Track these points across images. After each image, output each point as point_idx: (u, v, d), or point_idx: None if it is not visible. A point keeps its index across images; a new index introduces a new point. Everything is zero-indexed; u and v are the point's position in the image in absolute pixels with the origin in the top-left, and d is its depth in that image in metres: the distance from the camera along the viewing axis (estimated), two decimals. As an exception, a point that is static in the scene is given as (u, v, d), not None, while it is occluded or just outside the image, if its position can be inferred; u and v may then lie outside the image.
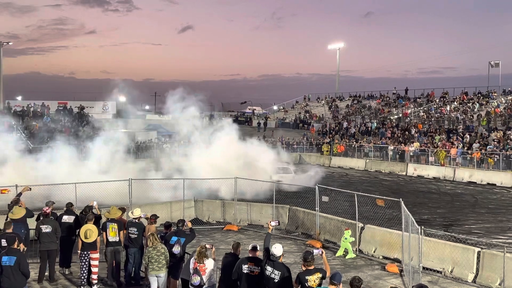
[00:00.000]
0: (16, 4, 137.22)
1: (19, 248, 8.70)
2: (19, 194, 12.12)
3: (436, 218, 18.56)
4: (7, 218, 10.94)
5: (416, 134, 36.41)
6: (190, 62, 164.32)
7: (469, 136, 32.73)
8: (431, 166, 30.53)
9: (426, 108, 45.15)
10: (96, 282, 10.54)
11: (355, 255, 13.40)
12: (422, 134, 36.48)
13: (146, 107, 56.11)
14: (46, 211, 11.04)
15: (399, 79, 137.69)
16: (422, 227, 10.85)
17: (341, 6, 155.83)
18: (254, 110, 61.70)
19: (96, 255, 10.46)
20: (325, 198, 15.17)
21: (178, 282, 9.45)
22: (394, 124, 41.94)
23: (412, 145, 33.44)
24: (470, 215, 19.11)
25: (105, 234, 10.69)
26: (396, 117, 45.26)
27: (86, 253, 10.38)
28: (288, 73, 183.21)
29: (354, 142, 37.72)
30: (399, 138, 36.20)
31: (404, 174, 31.05)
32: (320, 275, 7.01)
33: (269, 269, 7.39)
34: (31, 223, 11.43)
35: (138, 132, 40.22)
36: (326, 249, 13.56)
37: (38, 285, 10.75)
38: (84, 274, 10.50)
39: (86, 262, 10.43)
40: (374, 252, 13.44)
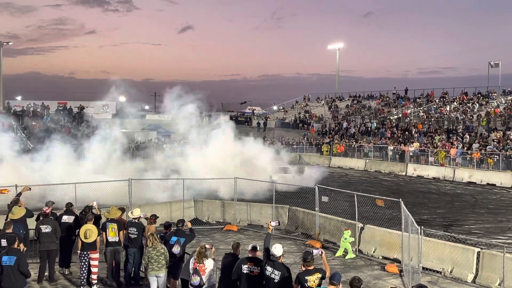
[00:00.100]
0: (16, 4, 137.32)
1: (19, 248, 8.70)
2: (19, 194, 12.12)
3: (435, 218, 18.56)
4: (7, 218, 10.94)
5: (416, 134, 36.42)
6: (190, 62, 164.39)
7: (469, 136, 32.75)
8: (431, 166, 30.54)
9: (426, 108, 45.16)
10: (95, 282, 10.54)
11: (355, 255, 13.40)
12: (422, 134, 36.49)
13: (146, 107, 56.10)
14: (45, 211, 11.05)
15: (399, 79, 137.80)
16: (422, 227, 10.85)
17: (341, 6, 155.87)
18: (254, 110, 61.67)
19: (96, 255, 10.46)
20: (324, 198, 15.17)
21: (178, 282, 9.46)
22: (394, 124, 41.95)
23: (412, 145, 33.45)
24: (470, 215, 19.11)
25: (104, 234, 10.69)
26: (396, 117, 45.26)
27: (85, 253, 10.37)
28: (288, 73, 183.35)
29: (354, 142, 37.72)
30: (399, 138, 36.21)
31: (403, 174, 31.05)
32: (319, 275, 7.02)
33: (269, 269, 7.39)
34: (31, 223, 11.43)
35: (138, 132, 40.23)
36: (326, 249, 13.56)
37: (38, 285, 10.75)
38: (84, 274, 10.50)
39: (86, 262, 10.43)
40: (374, 252, 13.44)
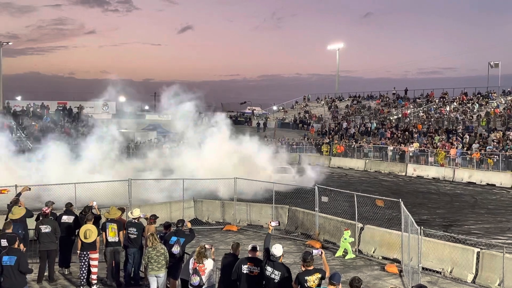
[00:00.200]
0: (15, 4, 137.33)
1: (20, 248, 8.69)
2: (19, 194, 12.11)
3: (435, 218, 18.56)
4: (7, 218, 10.93)
5: (415, 135, 36.42)
6: (189, 62, 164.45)
7: (468, 136, 32.75)
8: (431, 166, 30.54)
9: (425, 108, 45.17)
10: (95, 282, 10.54)
11: (355, 256, 13.40)
12: (421, 134, 36.49)
13: (146, 107, 56.09)
14: (45, 211, 11.04)
15: (399, 80, 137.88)
16: (422, 228, 10.85)
17: (340, 6, 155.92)
18: (254, 111, 61.65)
19: (95, 255, 10.45)
20: (324, 199, 15.17)
21: (178, 282, 9.46)
22: (393, 124, 41.95)
23: (411, 145, 33.45)
24: (470, 216, 19.11)
25: (104, 234, 10.68)
26: (395, 117, 45.26)
27: (85, 253, 10.37)
28: (287, 73, 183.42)
29: (354, 143, 37.71)
30: (399, 139, 36.21)
31: (403, 174, 31.05)
32: (319, 276, 7.02)
33: (269, 269, 7.39)
34: (31, 223, 11.42)
35: (138, 132, 40.24)
36: (326, 249, 13.56)
37: (37, 285, 10.75)
38: (83, 274, 10.50)
39: (86, 262, 10.42)
40: (374, 252, 13.44)
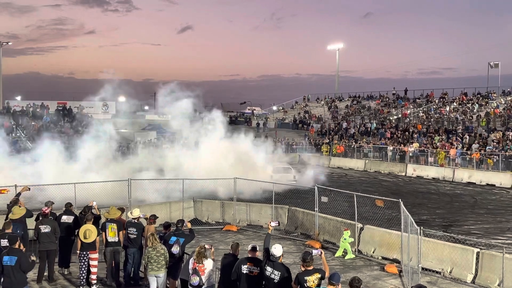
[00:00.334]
0: (15, 4, 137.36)
1: (21, 248, 8.68)
2: (18, 194, 12.10)
3: (435, 218, 18.56)
4: (7, 218, 10.92)
5: (415, 135, 36.43)
6: (189, 63, 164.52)
7: (468, 136, 32.74)
8: (431, 166, 30.53)
9: (425, 108, 45.18)
10: (95, 282, 10.53)
11: (354, 256, 13.40)
12: (421, 134, 36.50)
13: (146, 108, 56.08)
14: (45, 211, 11.03)
15: (399, 80, 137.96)
16: (421, 228, 10.87)
17: (340, 6, 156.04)
18: (254, 111, 61.67)
19: (95, 255, 10.45)
20: (324, 199, 15.17)
21: (177, 282, 9.45)
22: (393, 124, 41.95)
23: (411, 145, 33.46)
24: (469, 216, 19.12)
25: (104, 234, 10.68)
26: (395, 117, 45.28)
27: (85, 253, 10.36)
28: (287, 73, 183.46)
29: (354, 143, 37.71)
30: (399, 139, 36.21)
31: (403, 174, 31.05)
32: (319, 276, 7.02)
33: (269, 269, 7.39)
34: (30, 223, 11.42)
35: (137, 132, 40.24)
36: (325, 249, 13.55)
37: (37, 285, 10.74)
38: (83, 274, 10.49)
39: (85, 262, 10.42)
40: (373, 252, 13.44)
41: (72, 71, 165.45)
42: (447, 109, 43.11)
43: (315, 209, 14.86)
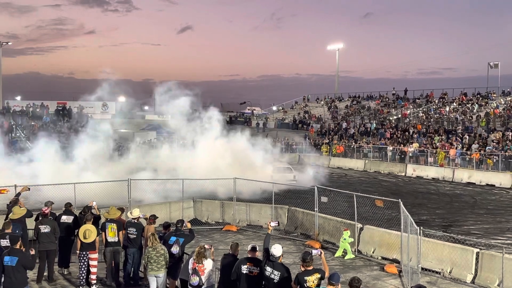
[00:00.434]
0: (15, 4, 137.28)
1: (22, 248, 8.67)
2: (18, 194, 12.09)
3: (435, 218, 18.56)
4: (7, 218, 10.92)
5: (415, 135, 36.44)
6: (189, 63, 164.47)
7: (468, 137, 32.75)
8: (430, 167, 30.53)
9: (425, 109, 45.19)
10: (95, 282, 10.53)
11: (354, 256, 13.40)
12: (421, 135, 36.51)
13: (146, 108, 56.07)
14: (45, 211, 11.03)
15: (399, 80, 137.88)
16: (421, 228, 10.86)
17: (340, 6, 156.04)
18: (254, 111, 61.67)
19: (95, 255, 10.44)
20: (324, 199, 15.17)
21: (177, 282, 9.45)
22: (393, 124, 41.96)
23: (411, 146, 33.47)
24: (469, 216, 19.12)
25: (104, 234, 10.68)
26: (395, 117, 45.28)
27: (85, 253, 10.36)
28: (287, 73, 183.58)
29: (353, 143, 37.72)
30: (398, 139, 36.22)
31: (403, 174, 31.05)
32: (318, 276, 7.02)
33: (268, 269, 7.39)
34: (30, 223, 11.41)
35: (137, 132, 40.24)
36: (325, 249, 13.55)
37: (37, 285, 10.74)
38: (83, 274, 10.49)
39: (85, 262, 10.42)
40: (373, 252, 13.44)
41: (72, 71, 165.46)
42: (447, 109, 43.12)
43: (315, 209, 14.85)
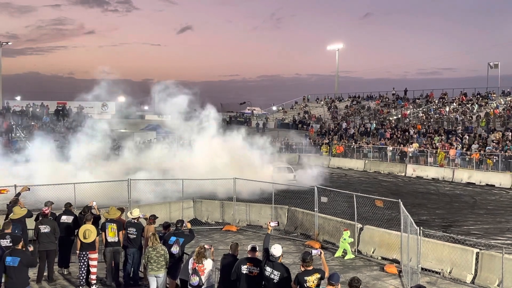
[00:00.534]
0: (15, 4, 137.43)
1: (23, 248, 8.66)
2: (18, 194, 12.09)
3: (435, 219, 18.56)
4: (7, 218, 10.92)
5: (415, 135, 36.45)
6: (189, 63, 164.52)
7: (468, 137, 32.76)
8: (430, 167, 30.54)
9: (425, 109, 45.19)
10: (94, 282, 10.53)
11: (354, 256, 13.40)
12: (421, 135, 36.51)
13: (145, 108, 56.01)
14: (45, 211, 11.02)
15: (399, 80, 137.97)
16: (421, 228, 10.86)
17: (340, 7, 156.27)
18: (253, 111, 61.64)
19: (95, 255, 10.44)
20: (324, 199, 15.16)
21: (177, 282, 9.45)
22: (393, 125, 41.96)
23: (411, 146, 33.47)
24: (469, 216, 19.12)
25: (104, 234, 10.67)
26: (395, 118, 45.27)
27: (85, 253, 10.36)
28: (287, 73, 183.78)
29: (353, 143, 37.72)
30: (398, 139, 36.23)
31: (403, 175, 31.06)
32: (318, 276, 7.02)
33: (268, 269, 7.40)
34: (30, 223, 11.41)
35: (137, 132, 40.21)
36: (325, 249, 13.54)
37: (37, 285, 10.73)
38: (82, 275, 10.49)
39: (85, 262, 10.42)
40: (373, 252, 13.44)
41: (72, 71, 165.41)
42: (447, 109, 43.11)
43: (315, 209, 14.84)
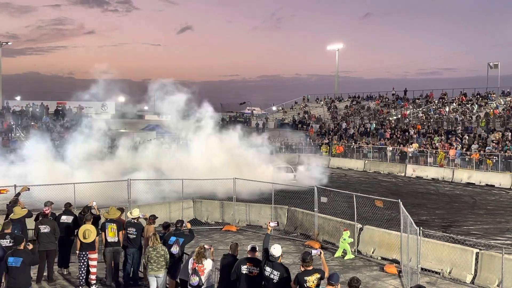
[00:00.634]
0: (15, 4, 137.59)
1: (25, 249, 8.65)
2: (18, 194, 12.08)
3: (434, 219, 18.56)
4: (7, 218, 10.91)
5: (415, 135, 36.45)
6: (189, 63, 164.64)
7: (467, 137, 32.77)
8: (430, 167, 30.56)
9: (425, 109, 45.18)
10: (94, 282, 10.53)
11: (354, 256, 13.41)
12: (421, 135, 36.52)
13: (145, 108, 55.94)
14: (45, 212, 11.02)
15: (398, 80, 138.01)
16: (421, 228, 10.87)
17: (340, 7, 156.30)
18: (253, 111, 61.59)
19: (94, 255, 10.44)
20: (323, 199, 15.16)
21: (177, 280, 9.44)
22: (393, 125, 41.96)
23: (411, 146, 33.48)
24: (469, 216, 19.12)
25: (104, 234, 10.67)
26: (395, 118, 45.26)
27: (84, 253, 10.36)
28: (287, 73, 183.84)
29: (353, 143, 37.72)
30: (398, 139, 36.23)
31: (403, 175, 31.07)
32: (318, 276, 7.02)
33: (268, 269, 7.40)
34: (30, 223, 11.40)
35: (137, 132, 40.18)
36: (325, 249, 13.55)
37: (36, 285, 10.72)
38: (82, 275, 10.49)
39: (85, 263, 10.42)
40: (373, 253, 13.45)
41: (71, 71, 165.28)
42: (447, 109, 43.11)
43: (315, 209, 14.84)
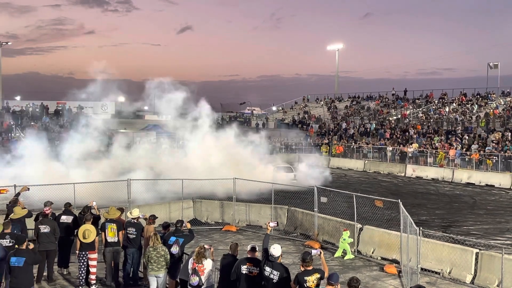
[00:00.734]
0: (15, 4, 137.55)
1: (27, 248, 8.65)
2: (18, 194, 12.07)
3: (434, 219, 18.57)
4: (7, 218, 10.91)
5: (415, 135, 36.46)
6: (189, 63, 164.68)
7: (467, 137, 32.78)
8: (430, 167, 30.57)
9: (425, 109, 45.19)
10: (94, 282, 10.52)
11: (354, 256, 13.41)
12: (421, 135, 36.52)
13: (145, 108, 55.91)
14: (46, 212, 11.02)
15: (398, 80, 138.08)
16: (421, 228, 10.86)
17: (340, 7, 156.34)
18: (253, 111, 61.59)
19: (94, 255, 10.43)
20: (323, 199, 15.17)
21: (177, 282, 9.44)
22: (393, 125, 41.97)
23: (411, 146, 33.49)
24: (469, 216, 19.12)
25: (103, 234, 10.67)
26: (395, 118, 45.27)
27: (84, 253, 10.35)
28: (287, 73, 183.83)
29: (353, 143, 37.73)
30: (398, 139, 36.24)
31: (402, 175, 31.07)
32: (318, 276, 7.02)
33: (267, 269, 7.39)
34: (30, 223, 11.40)
35: (137, 132, 40.14)
36: (325, 249, 13.55)
37: (36, 285, 10.72)
38: (82, 275, 10.49)
39: (85, 263, 10.41)
40: (373, 253, 13.45)
41: (71, 71, 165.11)
42: (447, 109, 43.12)
43: (315, 209, 14.86)
